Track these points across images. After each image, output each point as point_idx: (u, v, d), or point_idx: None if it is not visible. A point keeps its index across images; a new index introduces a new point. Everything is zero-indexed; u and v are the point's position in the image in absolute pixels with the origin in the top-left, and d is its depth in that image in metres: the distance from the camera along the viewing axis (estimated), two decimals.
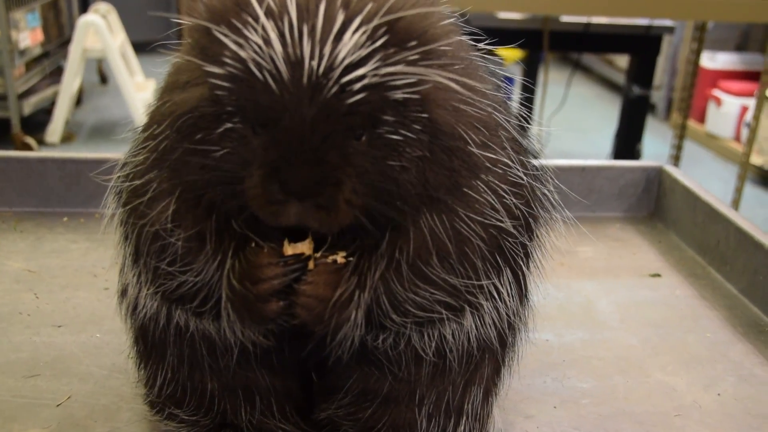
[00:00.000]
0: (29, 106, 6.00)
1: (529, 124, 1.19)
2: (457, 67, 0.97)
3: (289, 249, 1.00)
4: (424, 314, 1.03)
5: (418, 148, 0.93)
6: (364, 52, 0.86)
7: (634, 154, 5.20)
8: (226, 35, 0.87)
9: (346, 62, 0.85)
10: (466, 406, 1.18)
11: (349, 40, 0.86)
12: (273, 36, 0.86)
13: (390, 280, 1.00)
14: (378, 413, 1.17)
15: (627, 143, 5.26)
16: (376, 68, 0.86)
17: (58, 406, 1.34)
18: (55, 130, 6.02)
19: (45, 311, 1.64)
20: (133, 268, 1.11)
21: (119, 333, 1.39)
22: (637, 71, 5.25)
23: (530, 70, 6.12)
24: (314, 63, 0.85)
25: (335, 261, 1.01)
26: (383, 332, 1.05)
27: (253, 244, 1.01)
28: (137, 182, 1.05)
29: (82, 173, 2.05)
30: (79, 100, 6.91)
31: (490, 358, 1.18)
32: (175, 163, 0.99)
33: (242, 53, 0.86)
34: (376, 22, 0.87)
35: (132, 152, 1.11)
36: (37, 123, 6.19)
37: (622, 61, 7.88)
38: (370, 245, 1.00)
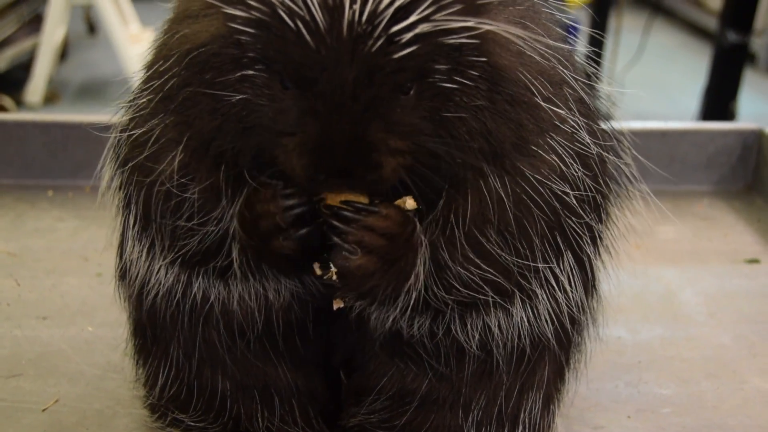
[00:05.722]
0: (4, 60, 6.07)
1: (598, 82, 1.18)
2: (517, 8, 0.98)
3: (332, 198, 1.00)
4: (467, 293, 1.05)
5: (476, 96, 0.95)
6: None
7: (727, 115, 5.10)
8: None
9: (395, 6, 0.85)
10: (522, 415, 1.19)
11: None
12: None
13: (439, 246, 1.02)
14: (418, 419, 1.18)
15: (718, 102, 5.15)
16: (430, 14, 0.86)
17: (43, 411, 1.37)
18: (35, 88, 6.07)
19: (27, 300, 1.67)
20: (141, 239, 1.13)
21: (114, 326, 1.41)
22: (733, 12, 5.13)
23: (599, 15, 6.03)
24: (355, 8, 0.85)
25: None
26: (420, 313, 1.07)
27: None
28: (139, 131, 1.07)
29: (69, 139, 2.08)
30: (63, 54, 6.97)
31: (550, 359, 1.19)
32: (182, 105, 1.00)
33: None
34: None
35: (134, 95, 1.12)
36: (14, 80, 6.25)
37: (715, 0, 7.73)
38: (431, 198, 1.01)
